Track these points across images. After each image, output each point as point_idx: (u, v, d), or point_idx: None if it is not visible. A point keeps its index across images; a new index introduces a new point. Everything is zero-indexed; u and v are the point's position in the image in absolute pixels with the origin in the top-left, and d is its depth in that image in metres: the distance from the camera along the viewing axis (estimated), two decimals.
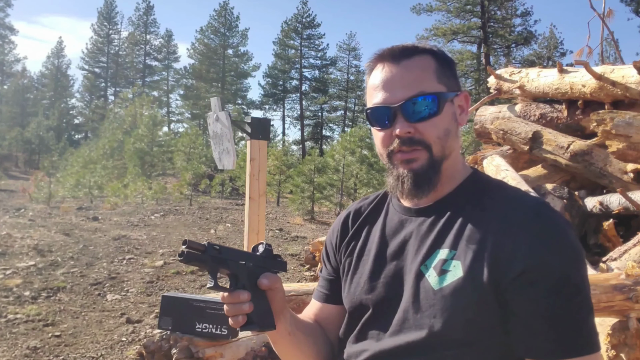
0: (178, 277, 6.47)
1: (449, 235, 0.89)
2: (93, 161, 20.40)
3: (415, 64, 0.93)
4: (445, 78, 0.95)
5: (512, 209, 0.87)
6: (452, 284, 0.85)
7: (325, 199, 14.57)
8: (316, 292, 1.14)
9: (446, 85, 0.94)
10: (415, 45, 0.96)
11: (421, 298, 0.88)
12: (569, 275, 0.82)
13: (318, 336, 1.07)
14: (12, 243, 7.88)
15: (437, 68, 0.94)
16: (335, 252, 1.10)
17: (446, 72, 0.95)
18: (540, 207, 0.88)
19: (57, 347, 4.15)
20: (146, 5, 48.06)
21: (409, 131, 0.90)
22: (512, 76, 5.47)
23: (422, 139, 0.91)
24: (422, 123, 0.91)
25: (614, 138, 3.80)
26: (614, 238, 3.75)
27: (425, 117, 0.91)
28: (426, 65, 0.93)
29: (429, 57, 0.94)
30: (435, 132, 0.91)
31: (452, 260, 0.87)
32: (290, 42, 43.29)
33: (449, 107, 0.94)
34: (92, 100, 48.48)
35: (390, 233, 0.99)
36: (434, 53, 0.95)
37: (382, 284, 0.95)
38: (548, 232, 0.84)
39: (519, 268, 0.81)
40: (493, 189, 0.94)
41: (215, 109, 4.09)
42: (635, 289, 2.36)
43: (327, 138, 44.26)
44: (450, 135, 0.93)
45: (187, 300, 2.75)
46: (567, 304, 0.80)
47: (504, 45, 31.21)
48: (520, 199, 0.90)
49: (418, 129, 0.91)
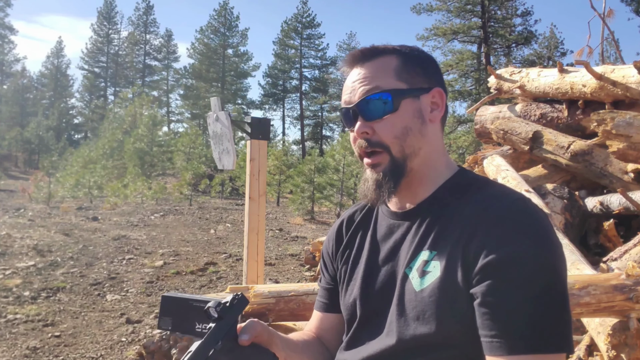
0: (178, 277, 6.47)
1: (431, 236, 0.88)
2: (93, 161, 20.41)
3: (376, 64, 0.93)
4: (408, 75, 0.92)
5: (491, 204, 0.85)
6: (431, 284, 0.84)
7: (325, 199, 14.57)
8: (317, 303, 1.14)
9: (408, 82, 0.92)
10: (379, 46, 0.95)
11: (406, 300, 0.87)
12: (540, 269, 0.77)
13: (314, 350, 1.06)
14: (12, 243, 7.87)
15: (399, 66, 0.92)
16: (332, 260, 1.10)
17: (411, 69, 0.93)
18: (518, 200, 0.85)
19: (57, 347, 4.15)
20: (146, 5, 48.08)
21: (365, 131, 0.91)
22: (513, 76, 5.47)
23: (379, 140, 0.91)
24: (378, 122, 0.90)
25: (615, 138, 3.80)
26: (615, 238, 3.75)
27: (379, 115, 0.90)
28: (386, 65, 0.92)
29: (392, 56, 0.93)
30: (392, 131, 0.90)
31: (432, 261, 0.86)
32: (290, 42, 43.28)
33: (409, 104, 0.91)
34: (91, 100, 48.47)
35: (380, 239, 0.99)
36: (399, 52, 0.94)
37: (375, 290, 0.95)
38: (521, 224, 0.80)
39: (486, 259, 0.78)
40: (479, 186, 0.91)
41: (215, 109, 4.08)
42: (635, 289, 2.35)
43: (327, 138, 44.28)
44: (410, 134, 0.91)
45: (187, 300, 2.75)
46: (534, 299, 0.76)
47: (504, 45, 31.19)
48: (501, 194, 0.87)
49: (374, 128, 0.91)
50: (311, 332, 1.12)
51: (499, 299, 0.77)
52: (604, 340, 2.38)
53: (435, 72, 0.98)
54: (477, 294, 0.79)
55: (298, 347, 1.02)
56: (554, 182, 4.35)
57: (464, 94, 29.89)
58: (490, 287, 0.78)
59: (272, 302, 2.78)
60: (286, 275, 6.81)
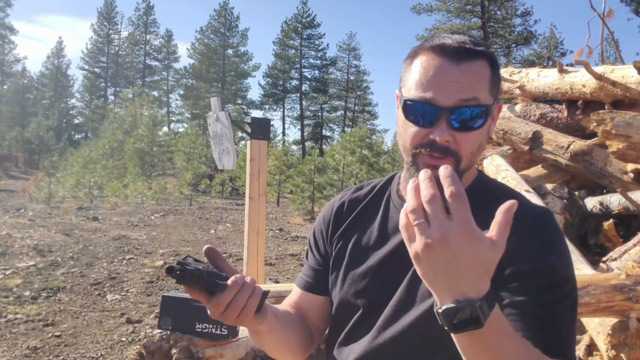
0: None
1: None
2: (93, 161, 20.42)
3: (474, 69, 0.84)
4: (495, 88, 0.88)
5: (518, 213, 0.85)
6: None
7: (325, 199, 14.57)
8: (299, 280, 1.09)
9: (494, 96, 0.88)
10: (475, 45, 0.85)
11: (417, 296, 0.87)
12: (567, 280, 0.82)
13: (297, 326, 1.04)
14: (12, 243, 7.87)
15: (492, 77, 0.87)
16: (325, 242, 1.05)
17: (497, 81, 0.89)
18: (545, 213, 0.89)
19: (57, 347, 4.15)
20: (146, 5, 48.10)
21: (447, 140, 0.83)
22: (512, 76, 5.47)
23: (456, 150, 0.85)
24: (463, 134, 0.84)
25: (614, 138, 3.80)
26: (614, 238, 3.75)
27: (469, 129, 0.84)
28: (483, 72, 0.85)
29: (485, 61, 0.86)
30: (471, 146, 0.86)
31: None
32: (290, 42, 43.30)
33: (490, 120, 0.89)
34: (92, 100, 48.49)
35: (392, 230, 0.96)
36: (490, 58, 0.87)
37: (380, 282, 0.93)
38: (552, 238, 0.85)
39: (520, 266, 0.81)
40: (500, 193, 0.91)
41: (215, 109, 4.08)
42: (635, 289, 2.35)
43: (327, 138, 44.29)
44: (481, 149, 0.90)
45: (187, 300, 2.75)
46: (558, 305, 0.79)
47: (504, 45, 31.21)
48: (527, 205, 0.90)
49: (456, 138, 0.84)
50: (291, 308, 1.08)
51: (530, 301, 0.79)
52: (603, 340, 2.39)
53: None
54: (506, 295, 0.81)
55: (285, 321, 1.00)
56: (554, 182, 4.36)
57: None
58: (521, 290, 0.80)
59: (272, 302, 2.77)
60: (286, 275, 6.82)
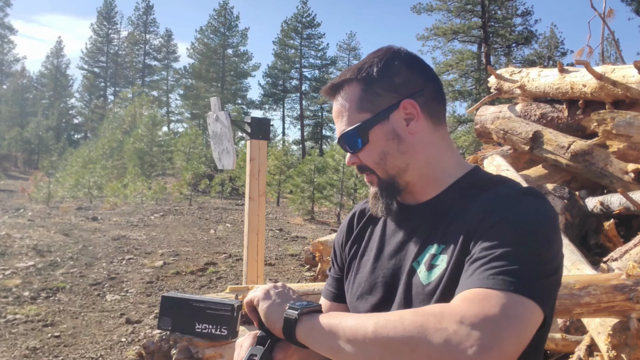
0: (178, 277, 6.46)
1: (440, 231, 0.89)
2: (92, 161, 20.41)
3: (341, 98, 0.95)
4: (370, 102, 0.92)
5: (500, 196, 0.86)
6: (437, 277, 0.84)
7: (325, 199, 14.56)
8: (325, 291, 1.15)
9: (371, 109, 0.92)
10: (343, 76, 0.96)
11: (413, 294, 0.88)
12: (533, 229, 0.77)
13: None
14: (12, 243, 7.86)
15: (360, 95, 0.93)
16: (341, 251, 1.12)
17: (373, 93, 0.92)
18: (527, 191, 0.86)
19: (57, 347, 4.14)
20: (146, 5, 48.06)
21: (352, 162, 0.97)
22: (513, 76, 5.47)
23: (365, 166, 0.96)
24: (359, 153, 0.95)
25: (615, 138, 3.80)
26: (615, 238, 3.75)
27: (356, 149, 0.94)
28: (349, 97, 0.94)
29: (353, 85, 0.94)
30: (371, 159, 0.94)
31: (440, 254, 0.86)
32: (290, 42, 43.27)
33: (380, 130, 0.92)
34: (91, 100, 48.46)
35: (389, 234, 1.00)
36: (359, 78, 0.94)
37: (380, 284, 0.96)
38: (525, 207, 0.81)
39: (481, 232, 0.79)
40: (492, 183, 0.91)
41: (215, 109, 4.08)
42: (636, 289, 2.35)
43: (327, 138, 44.24)
44: (389, 157, 0.93)
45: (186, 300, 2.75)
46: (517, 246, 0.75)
47: (504, 44, 31.19)
48: (513, 188, 0.87)
49: (359, 157, 0.96)
50: None
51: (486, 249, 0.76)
52: (604, 341, 2.38)
53: (406, 79, 0.93)
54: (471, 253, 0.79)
55: None
56: (555, 182, 4.35)
57: (464, 93, 29.90)
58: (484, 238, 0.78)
59: None
60: (286, 275, 6.81)
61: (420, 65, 0.95)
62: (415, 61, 0.95)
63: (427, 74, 0.96)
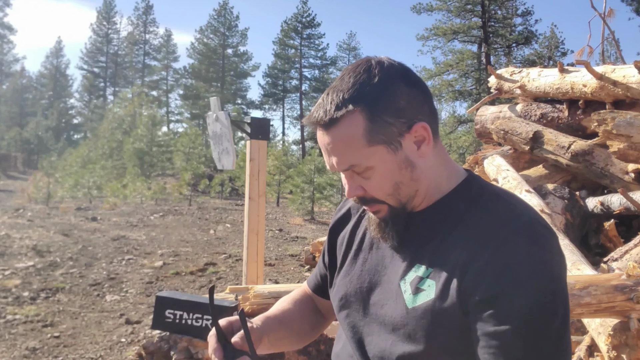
0: (177, 277, 6.46)
1: (427, 249, 0.86)
2: (92, 161, 20.41)
3: (341, 134, 0.82)
4: (381, 132, 0.82)
5: (495, 226, 0.81)
6: (423, 305, 0.82)
7: (325, 199, 14.56)
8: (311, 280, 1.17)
9: (383, 140, 0.82)
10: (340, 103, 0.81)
11: (396, 315, 0.86)
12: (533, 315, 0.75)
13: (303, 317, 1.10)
14: (11, 243, 7.86)
15: (368, 126, 0.81)
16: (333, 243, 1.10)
17: (382, 122, 0.82)
18: (525, 226, 0.80)
19: (56, 347, 4.14)
20: (145, 5, 48.07)
21: (356, 194, 0.87)
22: (513, 76, 5.46)
23: (373, 197, 0.87)
24: (367, 183, 0.85)
25: (615, 138, 3.79)
26: (615, 238, 3.74)
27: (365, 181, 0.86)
28: (353, 131, 0.81)
29: (355, 116, 0.81)
30: (383, 192, 0.86)
31: (427, 278, 0.83)
32: (290, 42, 43.25)
33: (392, 159, 0.84)
34: (91, 100, 48.44)
35: (377, 241, 0.97)
36: (363, 105, 0.81)
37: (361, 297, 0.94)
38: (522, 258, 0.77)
39: (485, 291, 0.77)
40: (486, 199, 0.87)
41: (215, 109, 4.07)
42: (636, 290, 2.34)
43: None
44: (402, 186, 0.86)
45: (180, 300, 2.75)
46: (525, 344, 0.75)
47: (504, 44, 31.18)
48: (509, 214, 0.83)
49: (365, 188, 0.86)
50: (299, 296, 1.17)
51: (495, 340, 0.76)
52: (604, 341, 2.38)
53: (410, 98, 0.84)
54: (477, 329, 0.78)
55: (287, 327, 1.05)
56: (555, 182, 4.35)
57: (464, 94, 29.88)
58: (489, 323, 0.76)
59: (272, 302, 2.76)
60: (286, 275, 6.81)
61: (414, 78, 0.87)
62: (409, 75, 0.86)
63: (422, 86, 0.87)
